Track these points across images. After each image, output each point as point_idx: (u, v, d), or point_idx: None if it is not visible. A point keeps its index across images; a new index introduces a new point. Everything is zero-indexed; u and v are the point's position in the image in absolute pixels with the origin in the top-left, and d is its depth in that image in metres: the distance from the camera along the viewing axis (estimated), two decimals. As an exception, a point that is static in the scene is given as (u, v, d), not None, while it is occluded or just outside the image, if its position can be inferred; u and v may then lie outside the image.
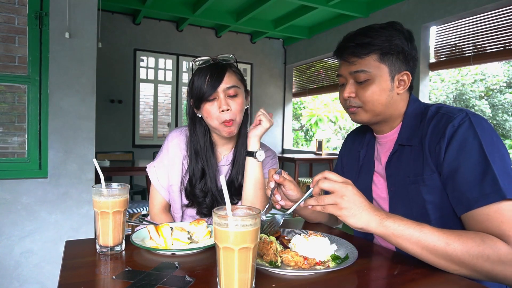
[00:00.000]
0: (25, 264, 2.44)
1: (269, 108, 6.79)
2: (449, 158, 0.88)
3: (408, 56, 1.00)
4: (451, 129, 0.89)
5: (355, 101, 1.02)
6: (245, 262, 0.65)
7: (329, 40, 5.74)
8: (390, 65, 0.99)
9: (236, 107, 1.21)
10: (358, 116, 1.05)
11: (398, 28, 1.00)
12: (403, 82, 1.01)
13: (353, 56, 1.00)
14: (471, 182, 0.83)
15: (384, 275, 0.83)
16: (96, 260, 0.87)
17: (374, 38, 0.98)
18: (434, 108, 1.00)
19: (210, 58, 1.23)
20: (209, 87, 1.17)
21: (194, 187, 1.27)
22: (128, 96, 5.56)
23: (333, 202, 0.80)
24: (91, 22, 2.59)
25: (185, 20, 5.55)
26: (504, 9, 3.50)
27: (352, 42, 1.00)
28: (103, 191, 0.90)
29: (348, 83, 1.03)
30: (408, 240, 0.77)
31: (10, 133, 2.47)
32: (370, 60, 0.98)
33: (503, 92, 9.68)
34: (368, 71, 0.98)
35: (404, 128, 1.03)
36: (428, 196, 0.93)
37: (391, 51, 0.98)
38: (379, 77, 0.99)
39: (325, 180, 0.82)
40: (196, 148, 1.29)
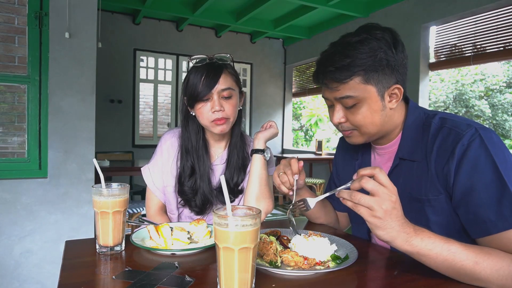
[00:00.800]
0: (25, 264, 2.44)
1: (269, 108, 6.80)
2: (461, 179, 0.82)
3: (396, 66, 0.90)
4: (461, 148, 0.82)
5: (347, 125, 0.95)
6: (245, 262, 0.65)
7: (329, 40, 5.66)
8: (377, 83, 0.89)
9: (230, 108, 1.20)
10: (353, 139, 0.98)
11: (378, 36, 0.89)
12: (395, 96, 0.93)
13: (334, 81, 0.90)
14: (488, 205, 0.78)
15: (384, 275, 0.83)
16: (96, 260, 0.87)
17: (354, 57, 0.87)
18: (438, 120, 0.92)
19: (207, 57, 1.22)
20: (203, 87, 1.17)
21: (183, 184, 1.27)
22: (128, 96, 5.56)
23: (369, 206, 0.72)
24: (91, 22, 2.59)
25: (185, 20, 5.55)
26: (504, 9, 3.50)
27: (331, 66, 0.89)
28: (103, 191, 0.90)
29: (336, 108, 0.95)
30: (434, 259, 0.73)
31: (10, 133, 2.47)
32: (353, 83, 0.88)
33: (503, 92, 9.68)
34: (354, 95, 0.89)
35: (405, 140, 0.96)
36: (434, 217, 0.89)
37: (375, 68, 0.87)
38: (367, 99, 0.89)
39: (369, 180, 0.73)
40: (186, 146, 1.28)
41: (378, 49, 0.87)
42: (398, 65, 0.90)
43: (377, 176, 0.73)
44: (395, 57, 0.89)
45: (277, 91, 6.89)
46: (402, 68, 0.92)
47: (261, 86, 6.71)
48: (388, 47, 0.89)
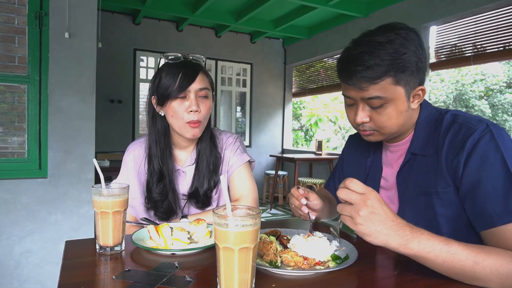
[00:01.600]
0: (25, 264, 2.44)
1: (269, 108, 6.79)
2: (470, 172, 0.83)
3: (423, 67, 0.90)
4: (472, 142, 0.84)
5: (370, 125, 0.94)
6: (245, 262, 0.65)
7: (329, 40, 5.74)
8: (405, 84, 0.88)
9: (206, 109, 1.17)
10: (372, 138, 0.98)
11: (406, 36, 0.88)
12: (418, 97, 0.93)
13: (364, 81, 0.87)
14: (494, 198, 0.79)
15: (384, 275, 0.83)
16: (96, 260, 0.87)
17: (385, 57, 0.85)
18: (450, 116, 0.94)
19: (181, 55, 1.17)
20: (181, 84, 1.12)
21: (151, 191, 1.22)
22: (128, 96, 5.55)
23: (349, 214, 0.74)
24: (91, 22, 2.59)
25: (185, 20, 5.55)
26: (504, 9, 3.50)
27: (361, 65, 0.86)
28: (103, 191, 0.90)
29: (359, 107, 0.93)
30: (433, 261, 0.73)
31: (10, 133, 2.47)
32: (384, 84, 0.86)
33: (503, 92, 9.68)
34: (384, 96, 0.88)
35: (417, 137, 0.97)
36: (441, 210, 0.89)
37: (405, 69, 0.86)
38: (395, 100, 0.89)
39: (342, 189, 0.75)
40: (153, 150, 1.23)
41: (408, 49, 0.86)
42: (424, 65, 0.91)
43: (349, 186, 0.75)
44: (422, 57, 0.89)
45: (277, 91, 6.89)
46: (425, 69, 0.92)
47: (261, 86, 6.71)
48: (416, 47, 0.88)
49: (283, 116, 6.96)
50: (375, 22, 5.38)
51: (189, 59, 1.18)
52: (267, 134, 6.79)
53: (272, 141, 6.85)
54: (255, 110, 6.67)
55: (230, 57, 6.35)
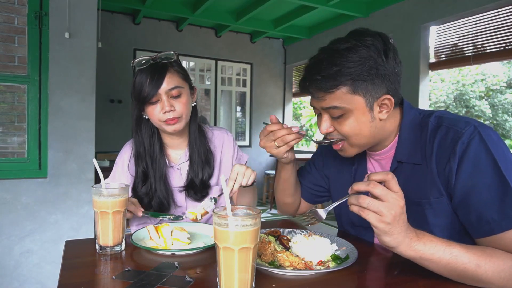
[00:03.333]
0: (25, 264, 2.44)
1: (269, 108, 6.79)
2: (463, 179, 0.80)
3: (386, 75, 0.85)
4: (461, 146, 0.80)
5: (335, 134, 0.92)
6: (245, 262, 0.65)
7: (329, 40, 5.73)
8: (365, 93, 0.84)
9: (181, 106, 1.18)
10: (345, 152, 0.95)
11: (368, 43, 0.84)
12: (385, 106, 0.88)
13: (319, 91, 0.86)
14: (490, 204, 0.76)
15: (384, 275, 0.83)
16: (96, 260, 0.87)
17: (341, 66, 0.83)
18: (434, 119, 0.90)
19: (150, 57, 1.18)
20: (150, 89, 1.14)
21: (136, 191, 1.24)
22: (128, 96, 5.49)
23: (378, 211, 0.69)
24: (91, 22, 2.58)
25: (185, 20, 5.54)
26: (504, 9, 3.50)
27: (317, 74, 0.85)
28: (103, 191, 0.90)
29: (323, 118, 0.91)
30: (436, 263, 0.72)
31: (9, 133, 2.47)
32: (340, 93, 0.84)
33: (503, 92, 9.68)
34: (340, 106, 0.85)
35: (402, 143, 0.93)
36: (435, 219, 0.87)
37: (364, 78, 0.83)
38: (354, 110, 0.86)
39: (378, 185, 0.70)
40: (138, 150, 1.26)
41: (367, 57, 0.83)
42: (389, 73, 0.86)
43: (390, 183, 0.71)
44: (385, 66, 0.85)
45: (277, 91, 6.88)
46: (394, 76, 0.87)
47: (261, 86, 6.71)
48: (378, 55, 0.84)
49: (283, 116, 6.96)
50: (375, 22, 5.36)
51: (158, 60, 1.18)
52: (267, 134, 6.78)
53: (272, 141, 6.84)
54: (255, 110, 6.66)
55: (230, 57, 6.34)
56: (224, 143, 1.37)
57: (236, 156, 1.39)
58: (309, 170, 1.24)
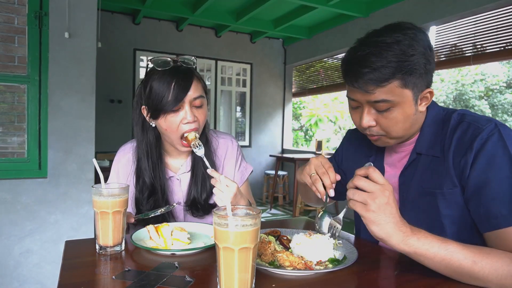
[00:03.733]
0: (24, 264, 2.44)
1: (269, 108, 6.79)
2: (477, 172, 0.81)
3: (430, 69, 0.86)
4: (480, 141, 0.82)
5: (376, 129, 0.91)
6: (245, 262, 0.65)
7: (329, 40, 5.74)
8: (413, 87, 0.85)
9: (202, 118, 1.09)
10: (381, 142, 0.95)
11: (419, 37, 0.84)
12: (425, 99, 0.90)
13: (370, 84, 0.83)
14: (501, 199, 0.78)
15: (384, 275, 0.83)
16: (96, 260, 0.87)
17: (392, 58, 0.82)
18: (457, 116, 0.92)
19: (171, 59, 1.06)
20: (174, 97, 1.02)
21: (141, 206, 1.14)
22: (128, 96, 5.55)
23: (363, 201, 0.74)
24: (91, 22, 2.58)
25: (185, 20, 5.55)
26: (504, 9, 3.50)
27: (367, 67, 0.83)
28: (103, 191, 0.90)
29: (365, 111, 0.89)
30: (431, 259, 0.73)
31: (9, 133, 2.47)
32: (392, 87, 0.83)
33: (503, 92, 9.69)
34: (391, 99, 0.84)
35: (423, 136, 0.95)
36: (446, 210, 0.88)
37: (413, 72, 0.83)
38: (402, 103, 0.86)
39: (361, 178, 0.75)
40: (144, 163, 1.14)
41: (415, 50, 0.83)
42: (432, 67, 0.87)
43: (371, 175, 0.75)
44: (430, 59, 0.86)
45: (277, 91, 6.89)
46: (433, 70, 0.89)
47: (261, 86, 6.71)
48: (424, 48, 0.84)
49: (283, 116, 6.96)
50: (375, 22, 5.36)
51: (179, 64, 1.07)
52: (267, 134, 6.79)
53: (272, 141, 6.84)
54: (255, 110, 6.66)
55: (230, 57, 6.34)
56: (227, 151, 1.26)
57: (239, 167, 1.28)
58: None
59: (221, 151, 1.26)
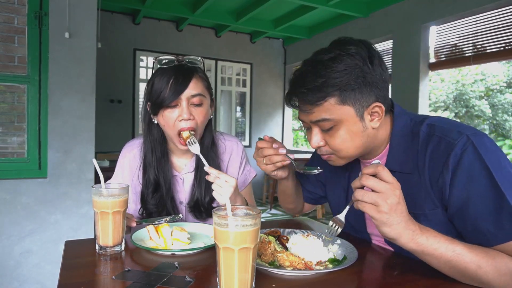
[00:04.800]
0: (24, 264, 2.44)
1: (269, 108, 6.79)
2: (457, 190, 0.79)
3: (374, 83, 0.83)
4: (454, 158, 0.79)
5: (326, 149, 0.90)
6: (245, 262, 0.65)
7: (329, 40, 5.62)
8: (354, 103, 0.83)
9: (200, 117, 1.09)
10: (335, 163, 0.93)
11: (352, 52, 0.83)
12: (376, 114, 0.86)
13: (306, 103, 0.84)
14: (486, 215, 0.75)
15: (384, 275, 0.83)
16: (96, 260, 0.87)
17: (327, 77, 0.81)
18: (425, 128, 0.87)
19: (175, 58, 1.09)
20: (171, 92, 1.04)
21: (146, 202, 1.16)
22: (128, 96, 5.55)
23: (374, 202, 0.70)
24: (91, 22, 2.58)
25: (185, 20, 5.55)
26: (504, 9, 3.50)
27: (303, 87, 0.83)
28: (103, 191, 0.90)
29: (313, 131, 0.89)
30: (437, 259, 0.72)
31: (9, 133, 2.47)
32: (328, 105, 0.82)
33: (503, 92, 9.69)
34: (330, 118, 0.83)
35: (393, 152, 0.91)
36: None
37: (351, 87, 0.81)
38: (345, 121, 0.84)
39: (369, 177, 0.72)
40: (149, 158, 1.16)
41: (353, 66, 0.81)
42: (376, 80, 0.84)
43: (380, 174, 0.72)
44: (372, 73, 0.83)
45: (277, 91, 6.89)
46: (382, 83, 0.85)
47: (261, 86, 6.71)
48: (363, 63, 0.82)
49: (283, 116, 6.96)
50: (375, 22, 5.36)
51: (183, 63, 1.11)
52: (267, 134, 6.78)
53: (272, 141, 6.83)
54: (255, 110, 6.66)
55: (230, 57, 6.34)
56: (232, 153, 1.28)
57: (243, 171, 1.30)
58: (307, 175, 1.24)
59: (227, 153, 1.27)
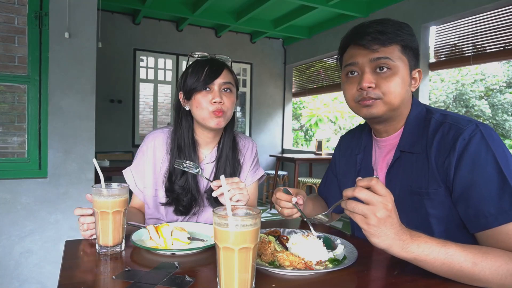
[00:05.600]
0: (25, 264, 2.44)
1: (269, 108, 6.79)
2: (462, 174, 0.83)
3: (418, 56, 0.99)
4: (462, 142, 0.84)
5: (375, 92, 0.93)
6: (245, 262, 0.65)
7: (329, 40, 5.74)
8: (409, 59, 0.95)
9: (229, 102, 1.22)
10: (374, 109, 0.95)
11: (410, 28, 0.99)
12: (415, 80, 0.98)
13: (376, 42, 0.92)
14: (488, 199, 0.78)
15: (384, 275, 0.83)
16: (96, 260, 0.87)
17: (399, 29, 0.93)
18: (438, 116, 0.95)
19: (209, 54, 1.27)
20: (206, 78, 1.19)
21: (174, 183, 1.24)
22: (128, 96, 5.55)
23: (363, 213, 0.72)
24: (91, 22, 2.59)
25: (185, 20, 5.55)
26: (504, 9, 3.50)
27: (373, 29, 0.93)
28: (103, 191, 0.90)
29: (366, 72, 0.93)
30: (431, 264, 0.73)
31: (10, 133, 2.47)
32: (394, 49, 0.93)
33: (503, 92, 9.69)
34: (392, 60, 0.92)
35: (407, 133, 0.98)
36: (433, 210, 0.89)
37: (410, 46, 0.94)
38: (401, 69, 0.93)
39: (362, 189, 0.73)
40: (180, 143, 1.27)
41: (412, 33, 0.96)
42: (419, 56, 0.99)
43: (374, 187, 0.73)
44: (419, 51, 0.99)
45: (277, 91, 6.88)
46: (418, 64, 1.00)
47: (261, 86, 6.71)
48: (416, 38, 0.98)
49: (283, 116, 6.96)
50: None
51: (216, 57, 1.28)
52: (267, 134, 6.79)
53: (272, 141, 6.84)
54: (255, 110, 6.66)
55: (230, 57, 6.34)
56: (247, 151, 1.39)
57: (253, 168, 1.39)
58: (332, 179, 1.29)
59: (244, 149, 1.39)
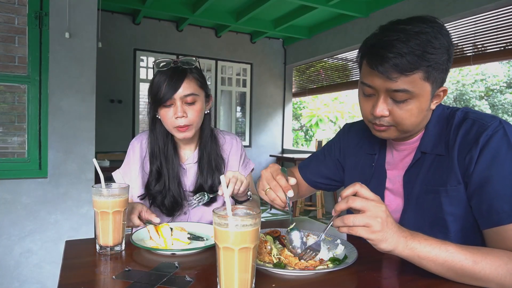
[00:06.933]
0: (25, 264, 2.44)
1: (269, 108, 6.79)
2: (480, 168, 0.81)
3: (449, 67, 0.85)
4: (485, 137, 0.82)
5: (388, 120, 0.87)
6: (245, 262, 0.65)
7: (329, 40, 5.74)
8: (433, 82, 0.82)
9: (193, 114, 1.19)
10: (386, 134, 0.91)
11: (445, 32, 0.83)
12: (438, 97, 0.89)
13: (395, 70, 0.79)
14: (503, 196, 0.78)
15: (384, 275, 0.83)
16: (96, 260, 0.87)
17: (419, 48, 0.78)
18: (461, 113, 0.91)
19: (172, 60, 1.20)
20: (166, 93, 1.16)
21: (149, 189, 1.25)
22: (128, 96, 5.55)
23: (365, 223, 0.70)
24: (91, 22, 2.59)
25: (185, 20, 5.54)
26: (504, 9, 3.50)
27: (395, 53, 0.78)
28: (103, 191, 0.91)
29: (381, 99, 0.85)
30: (433, 261, 0.73)
31: (10, 133, 2.47)
32: (415, 78, 0.80)
33: (503, 92, 9.69)
34: (411, 91, 0.81)
35: (428, 135, 0.94)
36: (450, 208, 0.87)
37: (438, 67, 0.81)
38: (420, 97, 0.83)
39: (356, 198, 0.71)
40: (153, 149, 1.28)
41: (445, 46, 0.81)
42: (450, 66, 0.86)
43: (360, 193, 0.72)
44: (451, 57, 0.84)
45: (277, 91, 6.88)
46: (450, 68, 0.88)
47: (261, 86, 6.70)
48: (448, 44, 0.83)
49: (283, 116, 6.96)
50: (375, 22, 5.35)
51: (178, 65, 1.20)
52: (267, 134, 6.79)
53: (272, 141, 6.84)
54: (255, 110, 6.66)
55: (230, 57, 6.34)
56: (232, 148, 1.39)
57: (243, 163, 1.42)
58: (322, 159, 1.23)
59: (227, 146, 1.39)
